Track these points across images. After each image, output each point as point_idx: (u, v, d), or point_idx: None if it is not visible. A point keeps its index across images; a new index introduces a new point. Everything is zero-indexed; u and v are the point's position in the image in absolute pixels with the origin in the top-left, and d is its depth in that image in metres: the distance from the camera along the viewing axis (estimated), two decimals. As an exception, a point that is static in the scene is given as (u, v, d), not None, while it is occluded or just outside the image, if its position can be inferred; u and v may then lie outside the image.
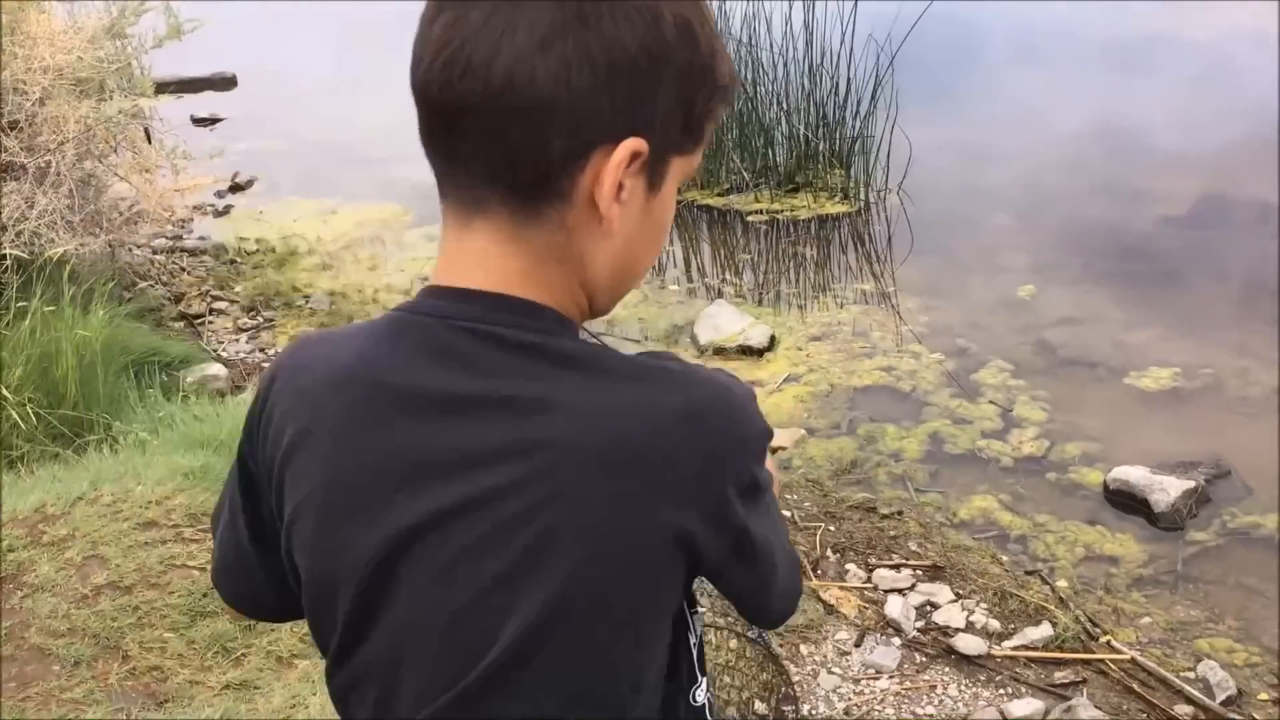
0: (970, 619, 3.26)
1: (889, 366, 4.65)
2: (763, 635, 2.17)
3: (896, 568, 3.48)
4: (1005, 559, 3.56)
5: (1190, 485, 3.69)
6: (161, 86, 6.10)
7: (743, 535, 0.87)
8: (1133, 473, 3.76)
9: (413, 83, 0.84)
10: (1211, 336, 4.72)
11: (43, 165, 4.68)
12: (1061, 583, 3.42)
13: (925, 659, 3.14)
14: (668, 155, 0.87)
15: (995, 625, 3.24)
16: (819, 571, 3.49)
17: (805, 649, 3.15)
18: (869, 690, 3.02)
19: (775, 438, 2.25)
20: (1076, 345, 4.73)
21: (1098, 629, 3.21)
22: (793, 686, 2.18)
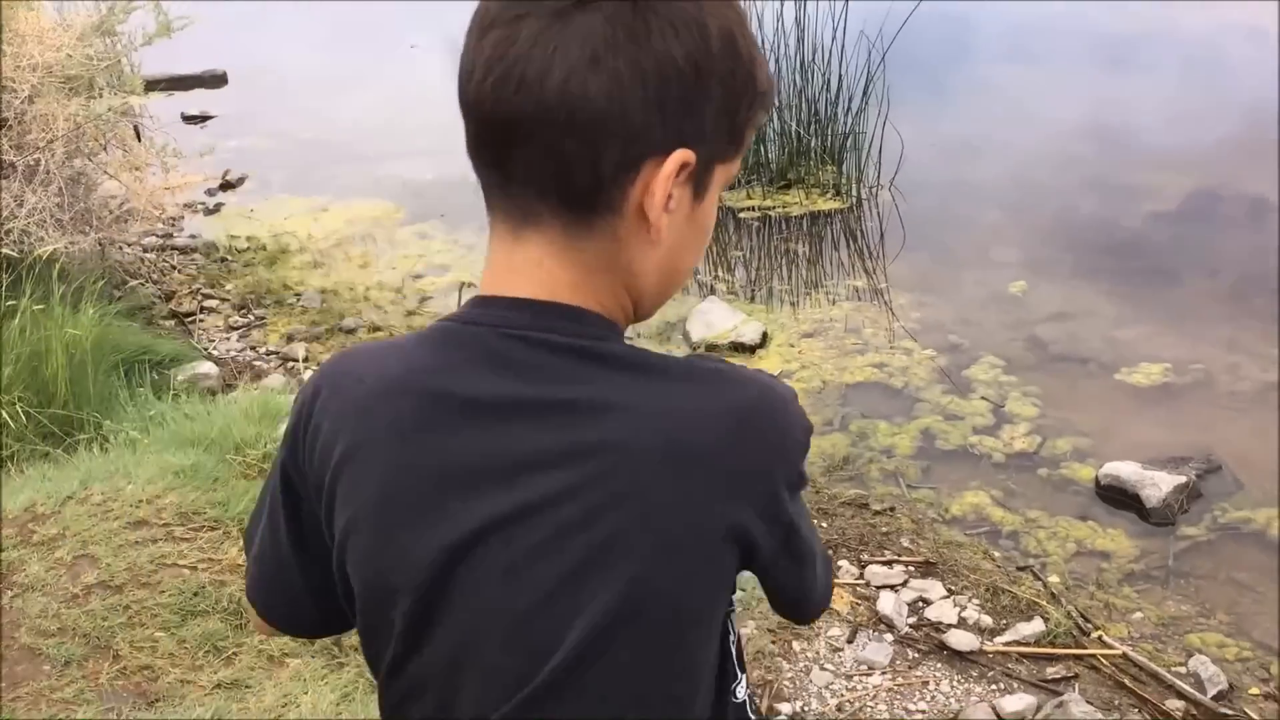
0: (962, 615, 3.27)
1: (881, 363, 4.65)
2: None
3: (889, 564, 3.48)
4: (997, 555, 3.56)
5: (1181, 480, 3.70)
6: (152, 84, 6.09)
7: (792, 530, 0.90)
8: (1124, 468, 3.77)
9: (462, 98, 0.85)
10: (1202, 332, 4.73)
11: (32, 163, 4.67)
12: (1053, 578, 3.43)
13: (917, 655, 3.15)
14: (712, 164, 0.88)
15: (987, 621, 3.25)
16: (811, 568, 3.49)
17: (798, 645, 3.16)
18: (861, 686, 3.03)
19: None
20: (1068, 341, 4.73)
21: (1089, 624, 3.22)
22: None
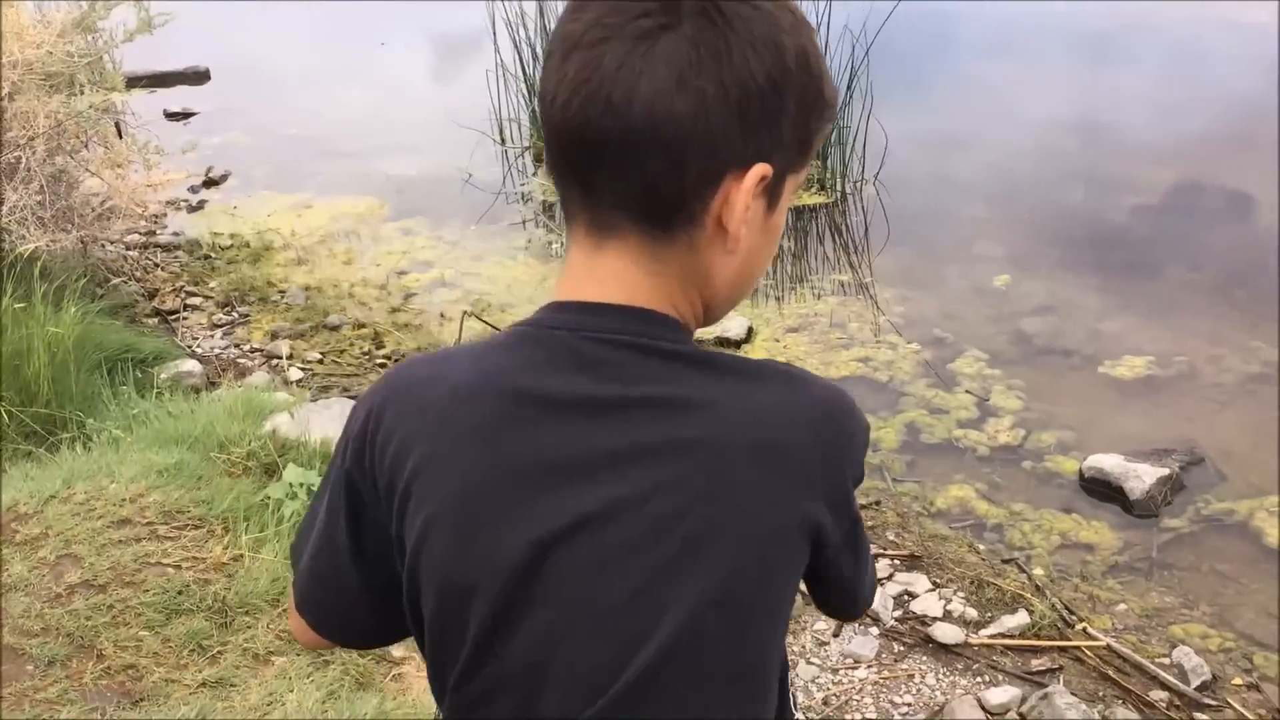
0: (948, 608, 3.28)
1: (866, 357, 4.66)
2: None
3: (874, 557, 3.49)
4: (982, 548, 3.58)
5: (1164, 473, 3.72)
6: (133, 81, 6.06)
7: (856, 524, 0.96)
8: (1107, 461, 3.78)
9: (546, 118, 0.89)
10: (1185, 324, 4.75)
11: (12, 161, 4.64)
12: (1038, 571, 3.44)
13: (903, 648, 3.16)
14: (785, 175, 0.92)
15: (972, 614, 3.26)
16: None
17: (784, 640, 3.16)
18: (847, 680, 3.03)
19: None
20: (1052, 334, 4.75)
21: (1074, 616, 3.23)
22: None
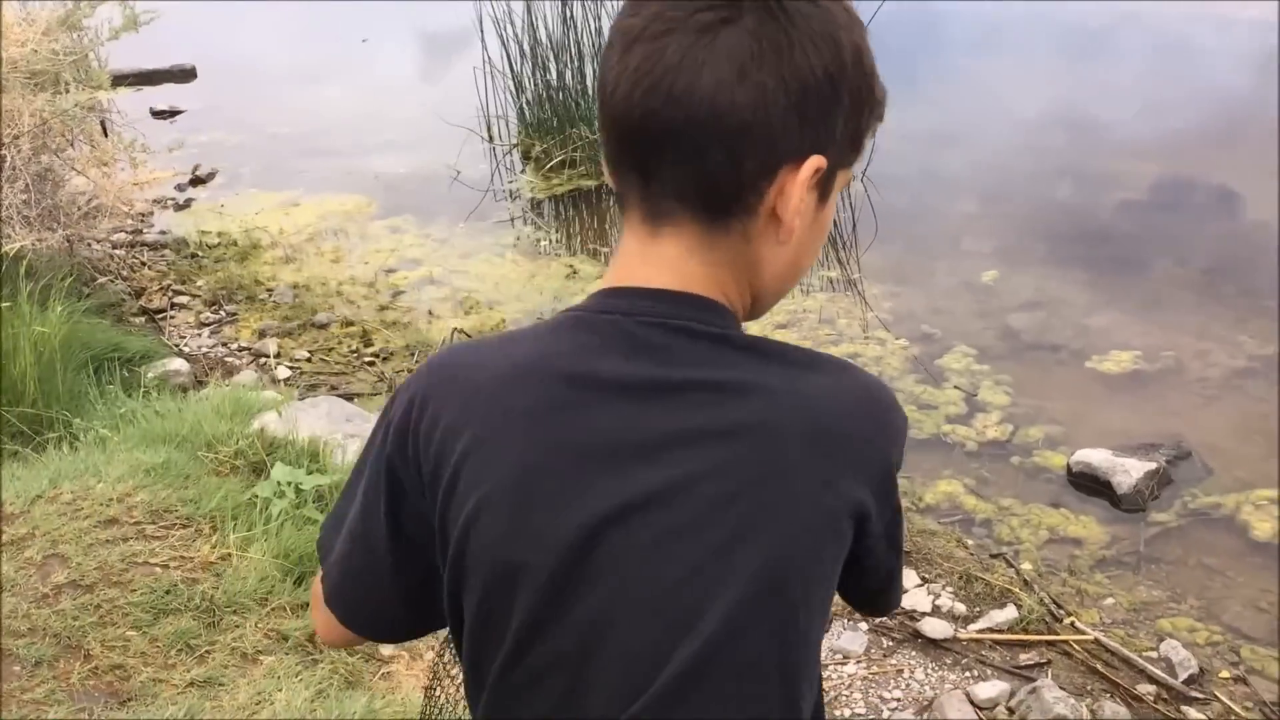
0: (936, 603, 3.29)
1: (855, 353, 4.66)
2: None
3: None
4: (970, 543, 3.58)
5: (1152, 467, 3.73)
6: (119, 79, 6.04)
7: (897, 514, 0.95)
8: (1095, 455, 3.80)
9: (607, 109, 0.90)
10: (1172, 319, 4.77)
11: (-3, 159, 4.62)
12: (1026, 565, 3.45)
13: (892, 643, 3.16)
14: (837, 169, 0.93)
15: (961, 609, 3.27)
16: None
17: (773, 635, 3.16)
18: (837, 675, 3.04)
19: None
20: (1039, 329, 4.77)
21: (1062, 610, 3.24)
22: None
